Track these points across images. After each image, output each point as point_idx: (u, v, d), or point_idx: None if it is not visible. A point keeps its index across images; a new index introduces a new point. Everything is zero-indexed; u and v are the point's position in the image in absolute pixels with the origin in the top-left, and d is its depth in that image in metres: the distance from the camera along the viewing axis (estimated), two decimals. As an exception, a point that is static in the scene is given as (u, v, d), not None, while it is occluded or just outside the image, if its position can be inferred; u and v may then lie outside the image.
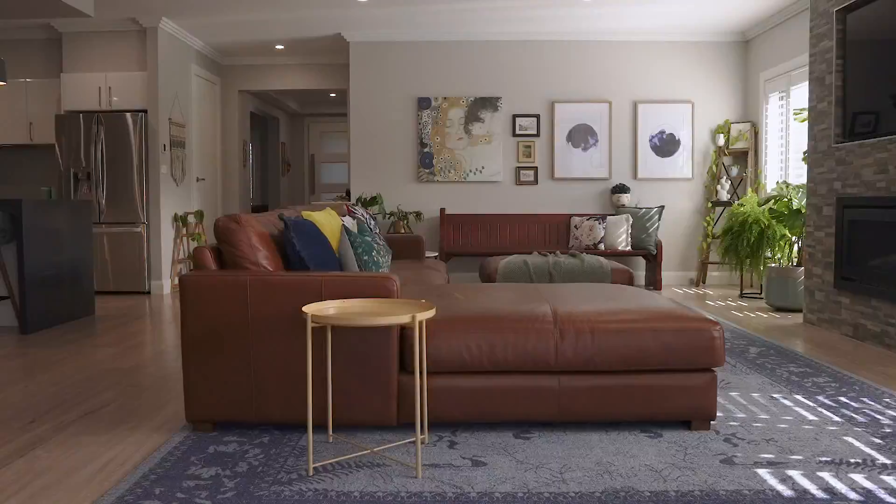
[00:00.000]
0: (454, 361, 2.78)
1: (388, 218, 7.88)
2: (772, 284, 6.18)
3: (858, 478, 2.38)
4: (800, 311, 6.03)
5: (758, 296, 7.04)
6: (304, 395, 2.77)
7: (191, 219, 8.03)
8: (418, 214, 7.83)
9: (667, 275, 8.02)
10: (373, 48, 7.88)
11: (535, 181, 7.93)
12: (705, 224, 7.93)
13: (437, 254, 7.33)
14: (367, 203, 7.64)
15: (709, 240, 7.88)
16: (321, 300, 2.74)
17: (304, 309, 2.44)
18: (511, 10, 6.97)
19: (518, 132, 7.92)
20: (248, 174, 9.83)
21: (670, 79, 7.90)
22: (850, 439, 2.77)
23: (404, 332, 2.79)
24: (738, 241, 6.73)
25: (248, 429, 2.90)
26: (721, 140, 7.84)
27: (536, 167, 7.93)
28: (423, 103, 7.88)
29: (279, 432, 2.86)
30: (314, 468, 2.46)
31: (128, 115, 7.17)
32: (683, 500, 2.21)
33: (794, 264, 6.37)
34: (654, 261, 7.53)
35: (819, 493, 2.25)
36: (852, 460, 2.54)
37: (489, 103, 7.88)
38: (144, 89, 7.27)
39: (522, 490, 2.29)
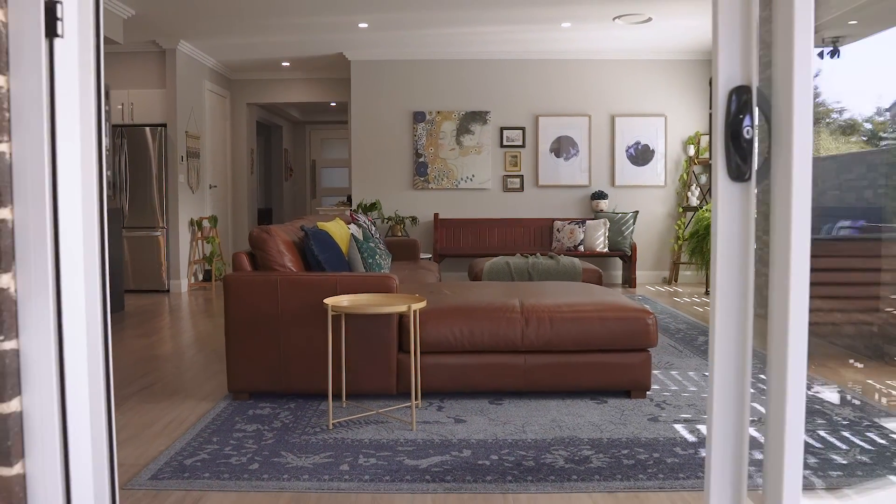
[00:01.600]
0: (441, 343, 3.51)
1: (387, 222, 8.59)
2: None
3: (751, 430, 3.11)
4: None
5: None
6: (323, 370, 3.49)
7: (205, 223, 8.74)
8: (414, 219, 8.55)
9: (641, 274, 8.75)
10: (372, 66, 8.60)
11: (521, 188, 8.65)
12: (676, 227, 8.66)
13: (430, 255, 8.05)
14: (367, 208, 8.35)
15: (680, 242, 8.61)
16: (336, 295, 3.46)
17: (325, 301, 3.16)
18: (498, 33, 7.69)
19: (505, 143, 8.64)
20: (254, 180, 10.53)
21: (645, 94, 8.62)
22: (755, 405, 3.50)
23: (402, 319, 3.52)
24: (703, 243, 7.47)
25: (278, 397, 3.63)
26: (692, 150, 8.57)
27: (522, 175, 8.65)
28: (419, 117, 8.59)
29: (303, 400, 3.58)
30: (333, 424, 3.19)
31: (147, 128, 7.87)
32: (613, 444, 2.94)
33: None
34: (629, 261, 8.25)
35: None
36: (752, 418, 3.27)
37: (479, 117, 8.60)
38: (163, 105, 7.97)
39: (492, 438, 3.02)
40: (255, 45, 8.11)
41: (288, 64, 9.21)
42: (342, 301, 3.25)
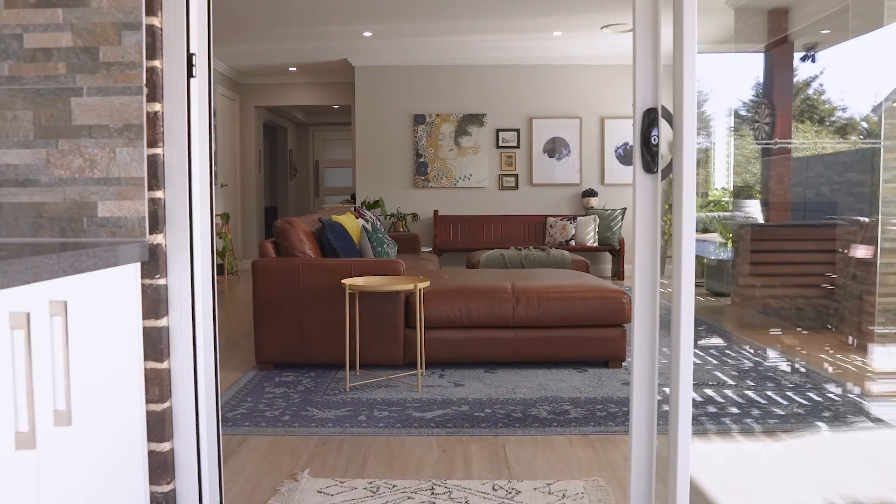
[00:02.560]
0: (443, 320, 4.02)
1: (389, 219, 9.09)
2: (710, 274, 7.44)
3: (709, 391, 3.63)
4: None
5: (702, 284, 8.30)
6: (339, 343, 3.99)
7: (218, 220, 9.25)
8: (415, 216, 9.05)
9: (629, 267, 9.24)
10: (375, 72, 9.10)
11: (516, 186, 9.16)
12: (663, 223, 9.16)
13: (430, 249, 8.56)
14: (371, 206, 8.86)
15: (665, 237, 9.11)
16: (352, 277, 3.96)
17: (343, 281, 3.67)
18: (494, 41, 8.20)
19: (501, 144, 9.14)
20: (261, 179, 11.03)
21: (632, 98, 9.13)
22: (716, 372, 4.01)
23: (408, 299, 4.02)
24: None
25: (299, 368, 4.13)
26: (677, 150, 9.09)
27: (517, 174, 9.15)
28: (419, 119, 9.10)
29: (321, 369, 4.09)
30: (350, 387, 3.70)
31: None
32: (589, 401, 3.45)
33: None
34: (617, 255, 8.77)
35: (677, 397, 3.49)
36: (710, 382, 3.79)
37: (476, 119, 9.10)
38: (179, 109, 8.46)
39: (486, 397, 3.52)
40: (265, 51, 8.61)
41: (295, 69, 9.71)
42: (357, 281, 3.76)
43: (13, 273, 1.02)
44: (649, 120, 1.58)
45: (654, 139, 1.57)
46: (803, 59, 7.20)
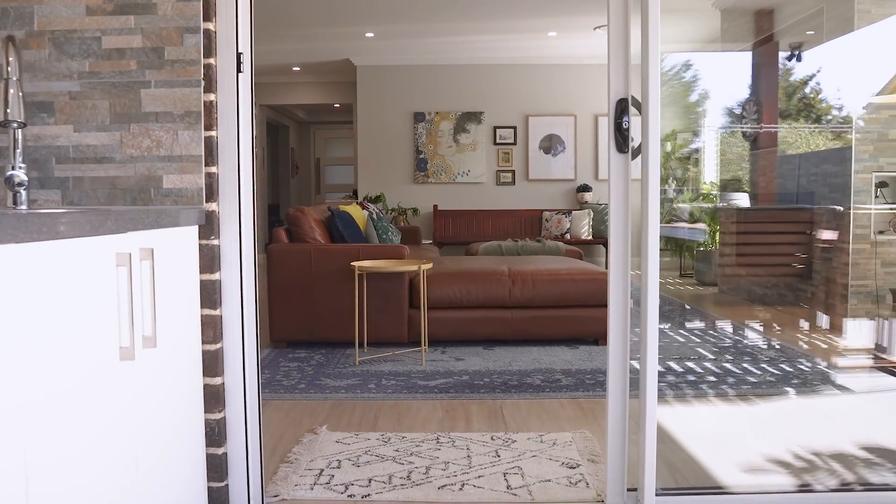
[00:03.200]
0: (444, 300, 4.32)
1: (390, 213, 9.40)
2: (698, 265, 7.75)
3: (690, 364, 3.94)
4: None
5: (692, 275, 8.62)
6: (347, 323, 4.30)
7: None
8: (415, 210, 9.36)
9: (623, 260, 9.57)
10: (377, 71, 9.41)
11: (513, 182, 9.47)
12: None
13: (431, 241, 8.86)
14: (373, 201, 9.16)
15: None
16: (359, 260, 4.26)
17: (353, 263, 3.97)
18: (491, 41, 8.51)
19: (498, 141, 9.46)
20: (264, 177, 11.33)
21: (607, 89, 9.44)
22: (701, 349, 4.32)
23: (412, 282, 4.33)
24: (676, 231, 8.30)
25: (311, 345, 4.44)
26: (668, 147, 9.40)
27: (514, 170, 9.46)
28: (419, 117, 9.41)
29: (331, 347, 4.39)
30: (359, 361, 4.00)
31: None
32: (580, 372, 3.76)
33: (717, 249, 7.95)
34: (611, 248, 9.08)
35: (660, 368, 3.80)
36: (692, 357, 4.10)
37: (474, 117, 9.41)
38: (188, 107, 8.76)
39: (485, 369, 3.83)
40: (270, 51, 8.91)
41: (298, 68, 10.01)
42: (366, 264, 4.06)
43: (121, 221, 1.32)
44: (621, 108, 1.89)
45: (626, 124, 1.88)
46: (789, 58, 7.53)
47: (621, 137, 1.89)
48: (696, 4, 6.85)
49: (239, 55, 1.82)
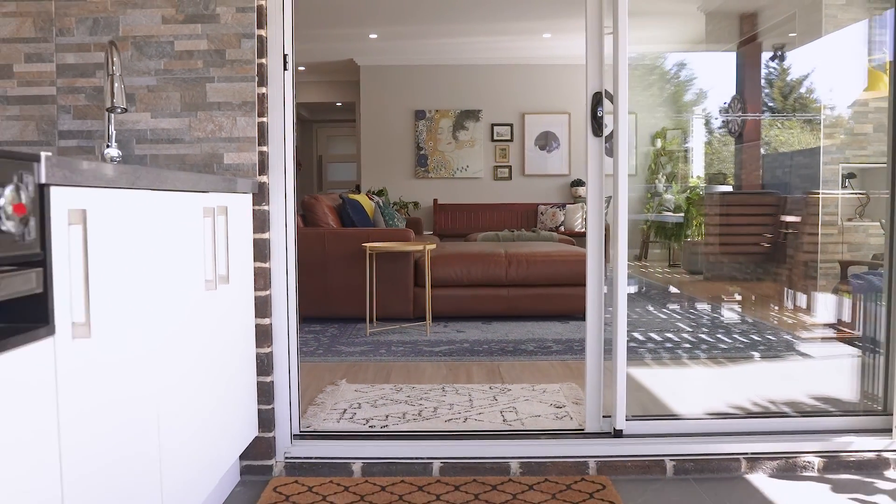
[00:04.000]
0: (446, 279, 4.74)
1: (392, 207, 9.81)
2: (686, 255, 8.17)
3: (669, 334, 4.35)
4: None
5: (680, 265, 9.04)
6: (357, 300, 4.71)
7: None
8: (416, 204, 9.77)
9: (613, 251, 9.99)
10: (379, 71, 9.82)
11: (510, 177, 9.89)
12: (646, 210, 9.91)
13: (431, 233, 9.27)
14: (376, 195, 9.57)
15: (648, 223, 9.87)
16: (369, 242, 4.68)
17: (364, 244, 4.39)
18: (489, 42, 8.94)
19: (496, 138, 9.88)
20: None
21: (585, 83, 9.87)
22: (680, 324, 4.74)
23: (417, 262, 4.74)
24: (664, 222, 8.73)
25: (324, 321, 4.85)
26: (659, 143, 9.84)
27: (510, 166, 9.89)
28: (420, 115, 9.83)
29: (342, 322, 4.80)
30: (369, 332, 4.42)
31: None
32: (569, 341, 4.17)
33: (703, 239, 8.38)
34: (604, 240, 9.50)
35: (641, 338, 4.22)
36: (670, 329, 4.52)
37: (472, 115, 9.83)
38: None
39: (484, 339, 4.25)
40: (278, 52, 9.32)
41: (304, 68, 10.42)
42: (376, 244, 4.48)
43: (207, 182, 1.74)
44: (596, 100, 2.31)
45: (600, 112, 2.30)
46: (772, 58, 7.96)
47: (596, 124, 2.30)
48: (682, 7, 7.29)
49: (285, 56, 2.23)
